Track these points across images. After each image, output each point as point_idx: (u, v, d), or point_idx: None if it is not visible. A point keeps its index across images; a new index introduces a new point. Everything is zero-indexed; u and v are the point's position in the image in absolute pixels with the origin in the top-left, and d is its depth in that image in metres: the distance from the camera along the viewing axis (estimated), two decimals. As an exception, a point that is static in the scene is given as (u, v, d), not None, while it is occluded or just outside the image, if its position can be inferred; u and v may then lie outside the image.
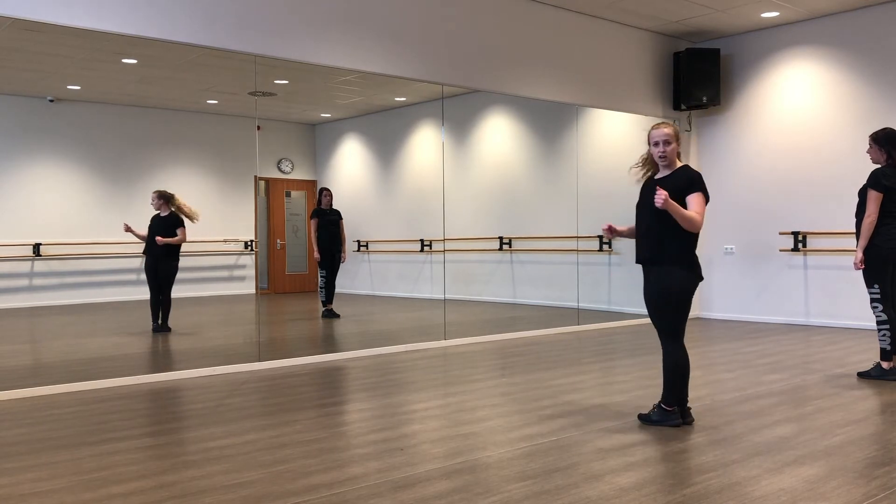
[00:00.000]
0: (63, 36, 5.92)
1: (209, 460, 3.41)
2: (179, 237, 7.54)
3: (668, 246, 3.87)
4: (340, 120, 10.14)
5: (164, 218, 7.58)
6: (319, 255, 8.79)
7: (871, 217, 5.14)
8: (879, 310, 5.19)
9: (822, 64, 8.24)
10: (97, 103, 8.37)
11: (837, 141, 8.12)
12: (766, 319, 8.72)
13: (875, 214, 5.13)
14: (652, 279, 3.95)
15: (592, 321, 8.55)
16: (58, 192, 8.03)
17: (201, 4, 5.58)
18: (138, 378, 5.38)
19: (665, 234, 3.86)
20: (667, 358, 3.95)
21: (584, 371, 5.63)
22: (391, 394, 4.86)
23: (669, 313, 3.91)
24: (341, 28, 6.31)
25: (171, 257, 7.52)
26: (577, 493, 2.92)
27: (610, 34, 8.34)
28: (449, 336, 7.34)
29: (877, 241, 5.15)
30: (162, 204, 7.60)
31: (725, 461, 3.32)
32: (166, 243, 7.45)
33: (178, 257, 7.57)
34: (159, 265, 7.49)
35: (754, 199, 8.79)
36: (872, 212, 5.13)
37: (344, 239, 9.05)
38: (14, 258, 7.68)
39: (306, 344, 7.73)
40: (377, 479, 3.12)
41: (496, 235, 10.03)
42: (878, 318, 5.21)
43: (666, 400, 3.96)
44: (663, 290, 3.90)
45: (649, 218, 3.93)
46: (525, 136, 10.13)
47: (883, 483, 3.02)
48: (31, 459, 3.45)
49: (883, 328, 5.18)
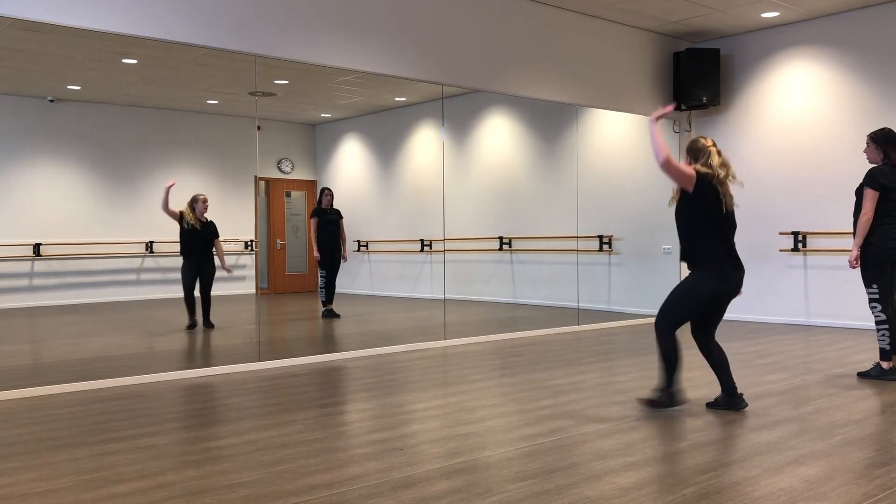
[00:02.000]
0: (63, 36, 5.92)
1: (209, 460, 3.41)
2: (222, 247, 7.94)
3: (693, 247, 4.16)
4: (340, 120, 10.14)
5: (209, 224, 7.66)
6: (319, 255, 8.78)
7: (867, 215, 5.13)
8: (878, 310, 5.18)
9: (821, 64, 8.24)
10: (97, 103, 8.37)
11: (837, 141, 8.12)
12: (766, 319, 8.72)
13: (871, 213, 5.12)
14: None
15: (592, 321, 8.55)
16: (58, 192, 8.04)
17: (201, 4, 5.58)
18: (138, 378, 5.37)
19: (682, 238, 4.18)
20: (667, 347, 4.22)
21: (584, 371, 5.63)
22: (391, 394, 4.86)
23: (677, 306, 4.18)
24: (341, 28, 6.31)
25: (212, 259, 7.77)
26: (577, 493, 2.92)
27: (610, 34, 8.34)
28: (449, 336, 7.35)
29: (874, 241, 5.14)
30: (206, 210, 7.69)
31: (725, 461, 3.32)
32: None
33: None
34: (203, 267, 7.64)
35: (754, 199, 8.79)
36: (868, 210, 5.12)
37: (344, 239, 9.04)
38: (14, 258, 7.68)
39: (306, 344, 7.73)
40: (377, 479, 3.12)
41: (496, 235, 10.03)
42: (877, 317, 5.20)
43: (666, 383, 4.25)
44: (685, 287, 4.20)
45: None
46: (525, 136, 10.13)
47: (883, 483, 3.02)
48: (31, 459, 3.45)
49: (882, 328, 5.18)
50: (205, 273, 7.60)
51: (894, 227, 5.15)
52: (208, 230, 7.69)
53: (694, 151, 4.19)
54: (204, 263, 7.62)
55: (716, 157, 4.13)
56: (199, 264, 7.59)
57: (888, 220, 5.13)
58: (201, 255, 7.60)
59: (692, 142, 4.26)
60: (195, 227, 7.59)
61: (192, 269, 7.57)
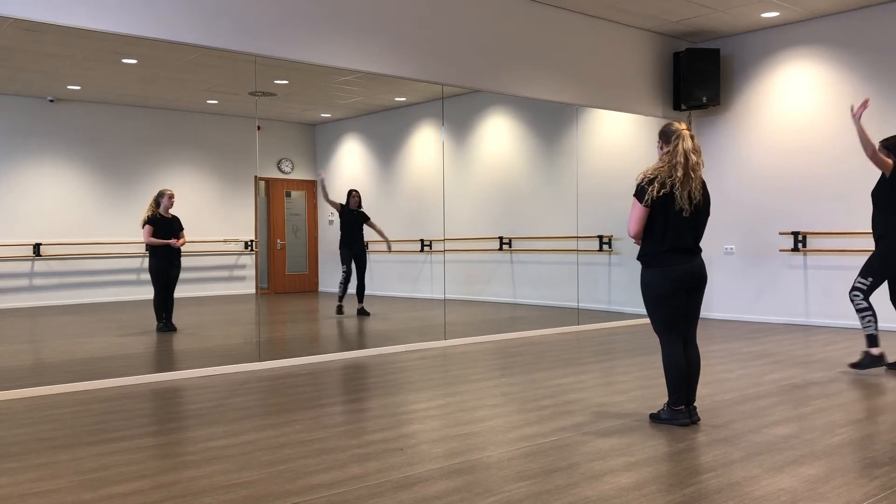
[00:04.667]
0: (63, 36, 5.92)
1: (209, 460, 3.41)
2: (185, 238, 7.69)
3: (641, 247, 4.02)
4: (340, 120, 10.14)
5: (173, 220, 7.61)
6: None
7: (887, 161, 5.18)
8: (860, 298, 5.21)
9: (822, 64, 8.24)
10: (97, 103, 8.37)
11: (837, 141, 8.12)
12: (766, 319, 8.72)
13: (891, 161, 5.17)
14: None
15: (592, 321, 8.55)
16: (58, 192, 8.04)
17: (201, 4, 5.58)
18: (138, 378, 5.38)
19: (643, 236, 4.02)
20: (662, 357, 4.03)
21: (584, 371, 5.63)
22: (391, 394, 4.86)
23: (648, 311, 4.03)
24: (341, 28, 6.31)
25: (180, 257, 7.67)
26: (577, 493, 2.92)
27: (610, 34, 8.34)
28: (449, 336, 7.34)
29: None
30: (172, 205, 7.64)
31: (725, 461, 3.32)
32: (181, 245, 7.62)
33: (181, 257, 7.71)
34: (172, 266, 7.57)
35: (754, 199, 8.79)
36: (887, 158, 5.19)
37: (378, 233, 9.01)
38: (14, 258, 7.68)
39: (306, 344, 7.73)
40: (377, 479, 3.12)
41: (496, 235, 10.03)
42: (859, 305, 5.23)
43: (671, 399, 3.98)
44: (641, 289, 4.05)
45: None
46: (525, 136, 10.13)
47: (883, 483, 3.02)
48: (31, 459, 3.45)
49: (866, 314, 5.20)
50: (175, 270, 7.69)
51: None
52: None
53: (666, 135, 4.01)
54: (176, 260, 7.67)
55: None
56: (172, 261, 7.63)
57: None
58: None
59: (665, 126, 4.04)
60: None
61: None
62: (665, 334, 3.97)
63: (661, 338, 4.00)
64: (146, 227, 7.50)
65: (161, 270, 7.49)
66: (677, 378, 3.93)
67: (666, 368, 3.96)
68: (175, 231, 7.60)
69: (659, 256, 3.90)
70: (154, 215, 7.54)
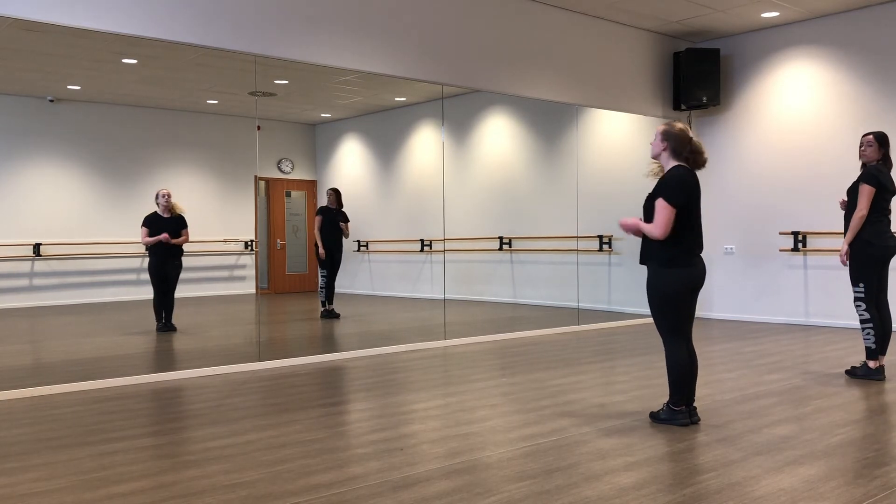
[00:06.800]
0: (63, 36, 5.92)
1: (209, 460, 3.41)
2: (187, 237, 7.67)
3: (649, 245, 3.95)
4: (340, 120, 10.14)
5: (171, 219, 7.61)
6: (325, 253, 8.76)
7: (861, 212, 5.10)
8: (863, 308, 5.18)
9: (821, 64, 8.24)
10: (97, 103, 8.37)
11: (837, 141, 8.12)
12: (765, 319, 8.72)
13: (866, 210, 5.10)
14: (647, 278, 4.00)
15: (592, 321, 8.55)
16: (58, 192, 8.04)
17: (201, 4, 5.58)
18: (138, 378, 5.38)
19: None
20: (666, 357, 3.99)
21: (584, 371, 5.63)
22: (391, 394, 4.86)
23: (658, 313, 3.96)
24: (341, 28, 6.31)
25: (179, 257, 7.66)
26: (577, 493, 2.92)
27: (610, 34, 8.34)
28: (449, 336, 7.34)
29: (867, 237, 5.10)
30: (171, 205, 7.64)
31: (725, 461, 3.32)
32: (177, 244, 7.56)
33: (181, 256, 7.70)
34: (169, 265, 7.56)
35: (754, 199, 8.80)
36: (864, 206, 5.10)
37: (344, 232, 8.99)
38: (14, 258, 7.68)
39: (306, 344, 7.73)
40: (377, 479, 3.12)
41: (496, 235, 10.03)
42: (862, 316, 5.20)
43: (672, 399, 3.97)
44: (649, 290, 3.98)
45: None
46: (525, 136, 10.13)
47: (883, 483, 3.02)
48: (31, 459, 3.45)
49: (867, 326, 5.18)
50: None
51: (887, 226, 5.15)
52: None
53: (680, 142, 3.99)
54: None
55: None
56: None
57: (881, 219, 5.13)
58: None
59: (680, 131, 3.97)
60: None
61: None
62: (672, 335, 3.95)
63: (667, 339, 3.96)
64: (142, 228, 7.54)
65: (158, 269, 7.50)
66: (683, 379, 3.93)
67: (671, 369, 3.94)
68: (175, 230, 7.60)
69: (682, 257, 3.89)
70: (149, 216, 7.55)
